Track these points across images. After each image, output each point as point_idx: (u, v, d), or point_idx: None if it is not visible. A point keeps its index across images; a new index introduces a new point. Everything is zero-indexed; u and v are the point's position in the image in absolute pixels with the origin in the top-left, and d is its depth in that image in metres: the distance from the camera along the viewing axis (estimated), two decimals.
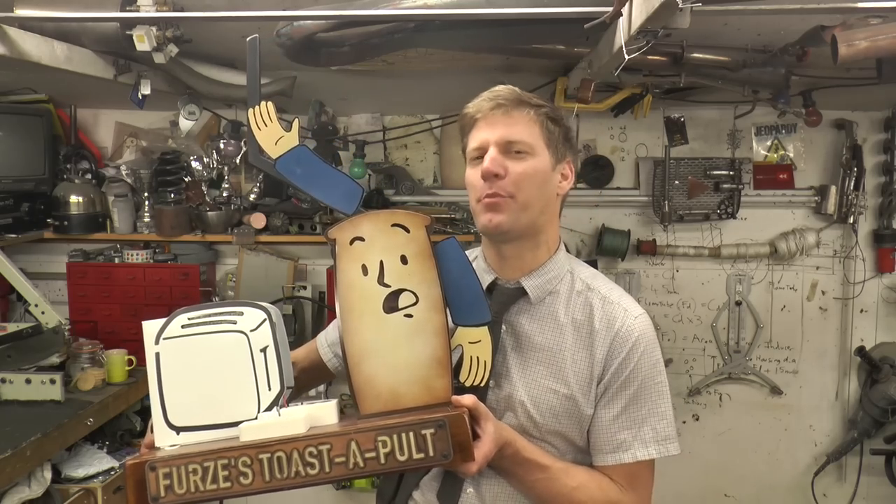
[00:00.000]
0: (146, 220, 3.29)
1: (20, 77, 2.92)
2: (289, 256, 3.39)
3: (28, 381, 2.58)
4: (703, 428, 3.49)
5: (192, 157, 3.28)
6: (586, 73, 2.41)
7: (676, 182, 3.29)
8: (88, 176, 3.31)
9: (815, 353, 3.44)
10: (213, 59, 2.61)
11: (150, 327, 1.20)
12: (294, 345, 3.23)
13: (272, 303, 3.41)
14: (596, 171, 3.36)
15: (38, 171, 3.15)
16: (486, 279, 1.38)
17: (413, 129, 3.34)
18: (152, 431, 1.24)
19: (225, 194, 3.29)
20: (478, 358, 1.25)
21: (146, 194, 3.28)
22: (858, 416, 3.37)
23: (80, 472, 2.56)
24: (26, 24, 2.03)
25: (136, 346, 2.99)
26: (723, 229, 3.38)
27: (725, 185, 3.27)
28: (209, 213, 3.23)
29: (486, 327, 1.24)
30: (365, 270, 1.20)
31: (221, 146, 3.21)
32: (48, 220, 3.24)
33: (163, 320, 1.19)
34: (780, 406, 3.46)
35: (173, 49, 2.14)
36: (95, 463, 2.62)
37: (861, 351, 3.33)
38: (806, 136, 3.32)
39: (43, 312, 2.75)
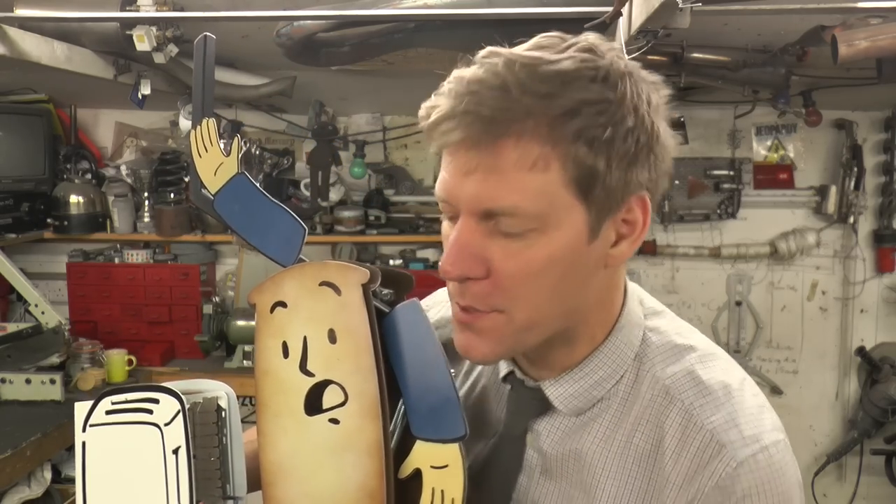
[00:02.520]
0: (146, 220, 3.29)
1: (20, 77, 2.92)
2: None
3: (28, 381, 2.58)
4: None
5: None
6: None
7: (676, 182, 3.29)
8: (88, 176, 3.31)
9: (815, 353, 3.44)
10: (214, 59, 2.61)
11: (79, 410, 0.97)
12: None
13: None
14: None
15: (38, 171, 3.15)
16: (501, 365, 0.86)
17: (413, 129, 3.34)
18: None
19: None
20: (442, 492, 0.78)
21: (146, 194, 3.28)
22: (858, 416, 3.37)
23: None
24: (26, 24, 2.03)
25: (135, 346, 3.01)
26: (723, 229, 3.38)
27: (725, 185, 3.27)
28: None
29: (456, 446, 0.78)
30: (286, 351, 0.83)
31: (222, 146, 3.20)
32: (48, 220, 3.24)
33: (91, 402, 0.98)
34: (780, 406, 3.45)
35: (173, 49, 2.14)
36: None
37: (861, 351, 3.33)
38: (806, 136, 3.32)
39: (43, 312, 2.75)
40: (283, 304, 0.84)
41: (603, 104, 0.67)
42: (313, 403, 0.82)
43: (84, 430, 0.93)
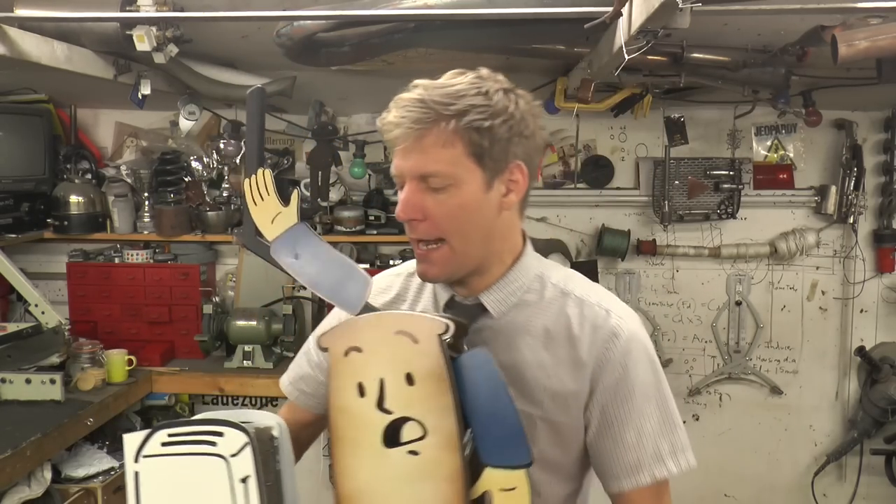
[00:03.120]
0: (146, 220, 3.29)
1: (20, 77, 2.92)
2: None
3: (28, 381, 2.58)
4: (703, 428, 3.49)
5: (192, 157, 3.28)
6: (586, 73, 2.41)
7: (676, 182, 3.29)
8: (88, 176, 3.31)
9: (815, 353, 3.43)
10: (213, 59, 2.61)
11: (130, 442, 1.02)
12: (294, 345, 3.23)
13: (273, 303, 3.36)
14: (596, 171, 3.36)
15: (38, 171, 3.15)
16: (442, 295, 1.21)
17: None
18: None
19: (225, 194, 3.29)
20: None
21: (146, 194, 3.28)
22: (858, 416, 3.37)
23: (80, 472, 2.56)
24: (26, 24, 2.03)
25: (135, 346, 3.01)
26: (723, 229, 3.38)
27: (725, 185, 3.27)
28: (209, 213, 3.23)
29: (523, 471, 0.94)
30: (361, 391, 0.96)
31: (221, 146, 3.20)
32: (48, 220, 3.24)
33: (144, 433, 1.02)
34: (780, 406, 3.46)
35: (173, 49, 2.14)
36: (95, 463, 2.62)
37: (861, 351, 3.32)
38: (806, 136, 3.32)
39: (43, 312, 2.75)
40: (359, 349, 0.96)
41: (484, 107, 1.09)
42: (391, 437, 0.93)
43: (136, 460, 1.00)
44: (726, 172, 3.27)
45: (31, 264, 3.39)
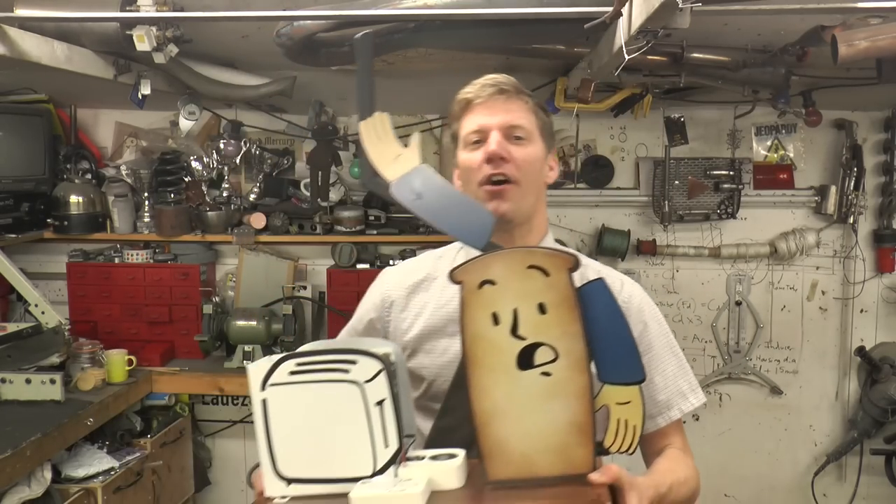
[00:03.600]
0: (146, 220, 3.28)
1: (20, 77, 2.92)
2: (289, 256, 3.39)
3: (28, 381, 2.58)
4: (703, 428, 3.49)
5: (192, 157, 3.28)
6: (586, 73, 2.41)
7: (676, 182, 3.29)
8: (88, 176, 3.31)
9: (815, 353, 3.44)
10: (213, 59, 2.61)
11: (255, 372, 1.08)
12: (294, 345, 3.23)
13: (273, 303, 3.37)
14: (596, 171, 3.36)
15: (38, 171, 3.15)
16: None
17: (413, 129, 3.33)
18: (253, 474, 1.19)
19: (225, 194, 3.29)
20: (626, 421, 1.08)
21: (146, 194, 3.28)
22: (858, 416, 3.37)
23: (80, 472, 2.56)
24: (26, 24, 2.03)
25: (136, 346, 3.01)
26: (723, 229, 3.38)
27: (725, 185, 3.27)
28: (209, 213, 3.23)
29: (637, 387, 1.08)
30: (496, 320, 1.04)
31: (221, 146, 3.21)
32: (48, 220, 3.23)
33: (267, 364, 1.08)
34: (780, 406, 3.46)
35: (173, 49, 2.14)
36: (95, 463, 2.62)
37: (861, 351, 3.33)
38: (806, 136, 3.32)
39: (43, 312, 2.75)
40: (492, 282, 1.05)
41: (544, 106, 1.42)
42: (525, 361, 1.04)
43: (263, 388, 1.08)
44: (726, 172, 3.27)
45: (31, 264, 3.39)
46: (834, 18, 1.93)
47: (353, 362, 1.06)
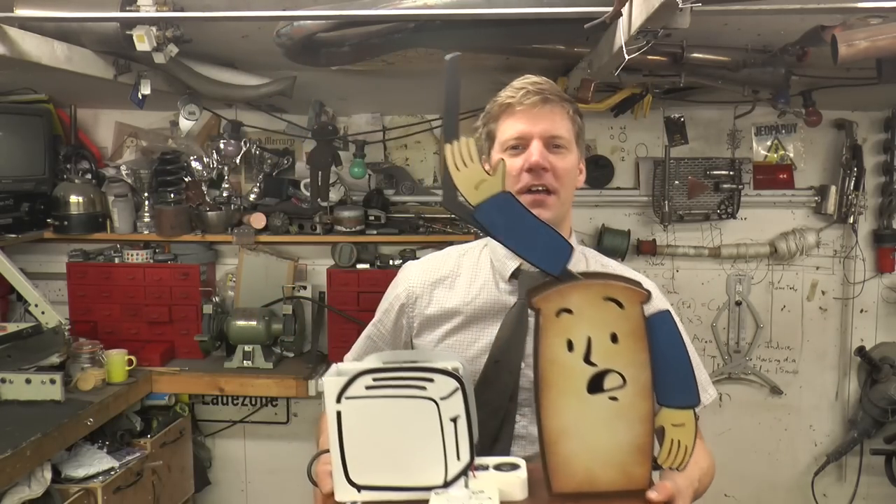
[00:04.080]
0: (146, 220, 3.28)
1: (20, 77, 2.92)
2: (289, 256, 3.39)
3: (28, 381, 2.58)
4: (703, 428, 3.46)
5: (192, 157, 3.28)
6: (586, 73, 2.41)
7: (676, 182, 3.29)
8: (88, 176, 3.31)
9: (815, 353, 3.44)
10: (213, 59, 2.61)
11: (331, 385, 1.13)
12: (294, 345, 3.22)
13: (273, 303, 3.37)
14: (596, 171, 3.36)
15: (38, 171, 3.15)
16: (509, 265, 1.44)
17: (413, 129, 3.34)
18: (319, 478, 1.25)
19: (225, 194, 3.29)
20: (679, 441, 1.17)
21: (146, 194, 3.28)
22: (858, 416, 3.37)
23: (80, 472, 2.56)
24: (26, 24, 2.03)
25: (136, 346, 3.01)
26: (723, 229, 3.38)
27: (725, 185, 3.27)
28: (209, 213, 3.23)
29: (691, 410, 1.17)
30: (570, 346, 1.12)
31: (221, 146, 3.21)
32: (48, 220, 3.23)
33: (343, 378, 1.12)
34: (780, 406, 3.46)
35: (173, 49, 2.14)
36: (95, 463, 2.62)
37: (861, 351, 3.33)
38: (806, 136, 3.32)
39: (43, 312, 2.75)
40: (569, 311, 1.11)
41: (580, 111, 1.45)
42: (594, 385, 1.11)
43: (339, 401, 1.12)
44: (726, 172, 3.27)
45: (31, 264, 3.39)
46: (834, 18, 1.93)
47: (430, 380, 1.12)
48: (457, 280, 1.49)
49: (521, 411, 1.42)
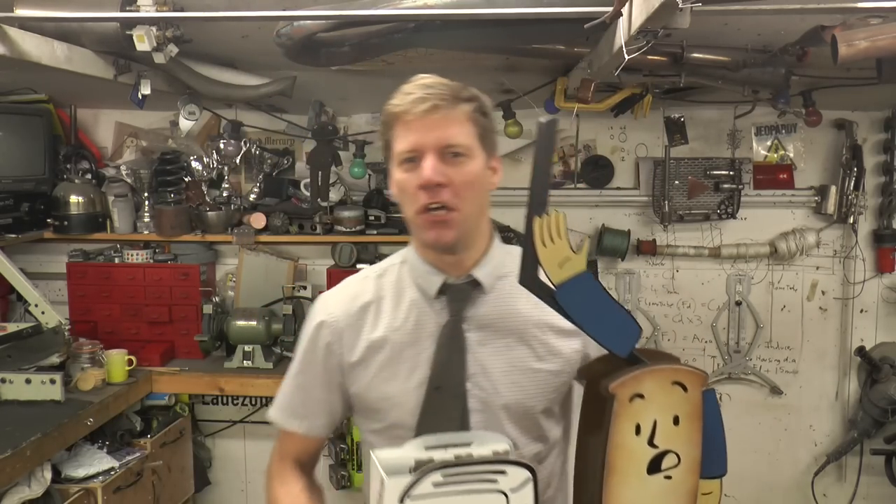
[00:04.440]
0: (146, 220, 3.29)
1: (20, 77, 2.92)
2: (289, 256, 3.40)
3: (28, 381, 2.58)
4: None
5: (192, 157, 3.28)
6: (586, 73, 2.41)
7: (676, 182, 3.29)
8: (88, 176, 3.31)
9: (815, 353, 3.43)
10: (213, 59, 2.61)
11: (393, 486, 1.05)
12: (293, 345, 3.22)
13: (273, 303, 3.37)
14: (596, 171, 3.36)
15: (38, 171, 3.15)
16: (434, 281, 1.32)
17: None
18: None
19: (225, 194, 3.29)
20: None
21: (146, 194, 3.28)
22: (858, 416, 3.37)
23: (80, 472, 2.56)
24: (26, 24, 2.03)
25: (136, 346, 3.01)
26: (723, 229, 3.38)
27: (725, 185, 3.27)
28: (209, 213, 3.23)
29: (719, 480, 1.20)
30: (638, 430, 1.11)
31: (221, 146, 3.21)
32: (48, 220, 3.24)
33: (407, 477, 1.05)
34: (780, 406, 3.46)
35: (173, 49, 2.14)
36: (95, 463, 2.62)
37: (861, 351, 3.32)
38: (806, 136, 3.32)
39: (43, 312, 2.75)
40: (641, 396, 1.11)
41: (483, 100, 1.29)
42: (653, 466, 1.12)
43: (403, 501, 1.07)
44: (726, 172, 3.27)
45: (31, 264, 3.39)
46: (834, 18, 1.93)
47: (502, 472, 1.08)
48: (381, 304, 1.35)
49: None
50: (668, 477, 1.13)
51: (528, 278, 1.07)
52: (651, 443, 1.12)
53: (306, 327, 1.41)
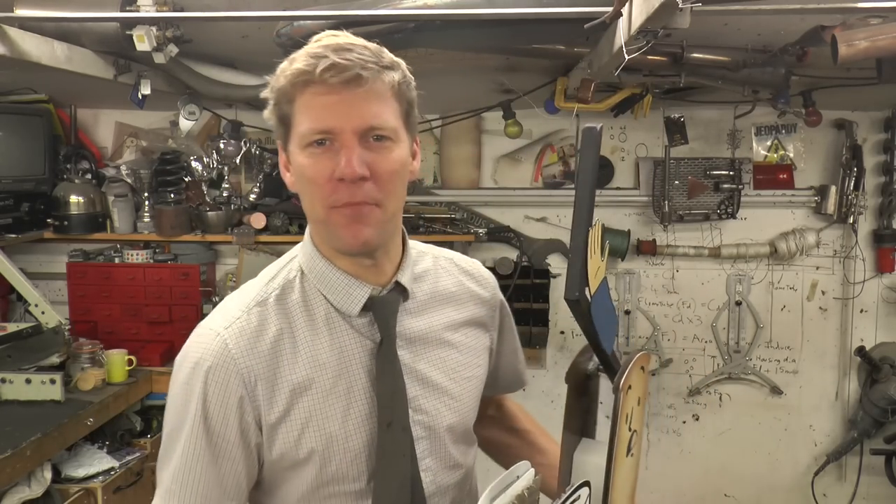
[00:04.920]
0: (146, 220, 3.29)
1: (20, 77, 2.92)
2: None
3: (28, 381, 2.58)
4: (703, 428, 3.49)
5: (192, 157, 3.28)
6: (586, 73, 2.41)
7: (676, 182, 3.29)
8: (88, 176, 3.31)
9: (815, 353, 3.44)
10: (213, 59, 2.61)
11: None
12: None
13: None
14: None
15: (38, 171, 3.15)
16: (356, 295, 1.08)
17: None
18: None
19: (225, 194, 3.29)
20: None
21: (146, 194, 3.28)
22: (858, 416, 3.37)
23: (80, 472, 2.56)
24: (26, 24, 2.03)
25: (136, 346, 3.01)
26: (723, 229, 3.38)
27: (725, 185, 3.27)
28: (209, 213, 3.23)
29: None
30: (627, 418, 1.12)
31: (221, 146, 3.20)
32: (48, 220, 3.24)
33: None
34: (780, 406, 3.46)
35: (173, 49, 2.14)
36: (95, 463, 2.62)
37: (861, 351, 3.32)
38: (806, 136, 3.32)
39: (43, 312, 2.75)
40: (630, 386, 1.11)
41: (405, 69, 1.06)
42: (628, 448, 1.14)
43: None
44: (726, 172, 3.27)
45: (31, 264, 3.39)
46: (834, 18, 1.93)
47: (578, 499, 1.05)
48: (295, 335, 1.07)
49: (422, 466, 1.12)
50: (632, 454, 1.17)
51: (580, 296, 0.98)
52: (630, 426, 1.14)
53: (191, 383, 1.04)
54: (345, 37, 1.02)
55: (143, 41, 2.03)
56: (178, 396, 1.06)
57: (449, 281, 1.22)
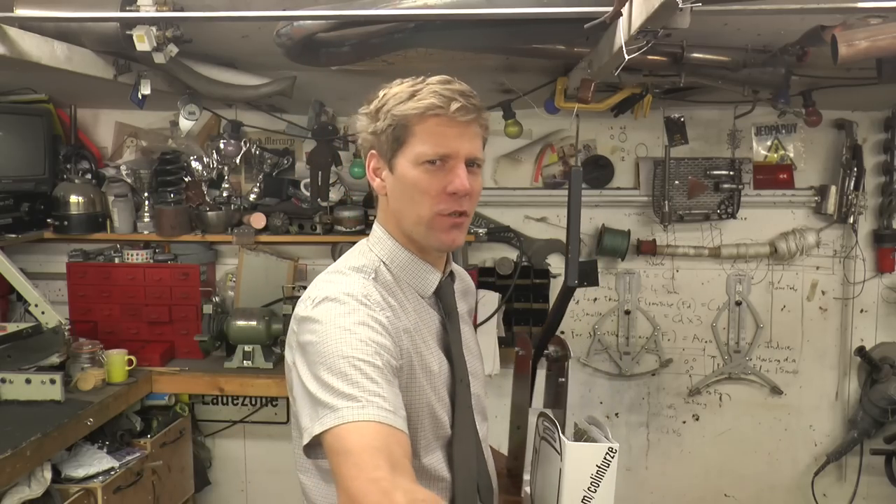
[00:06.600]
0: (146, 220, 3.29)
1: (20, 77, 2.92)
2: (289, 256, 3.39)
3: (28, 381, 2.58)
4: (703, 428, 3.49)
5: (192, 157, 3.28)
6: (586, 73, 2.41)
7: (676, 182, 3.29)
8: (88, 176, 3.31)
9: (815, 353, 3.44)
10: (213, 59, 2.61)
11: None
12: None
13: (273, 303, 3.37)
14: (596, 171, 3.36)
15: (38, 171, 3.15)
16: (432, 280, 1.36)
17: None
18: None
19: (225, 194, 3.29)
20: None
21: (146, 194, 3.28)
22: (858, 416, 3.37)
23: (80, 472, 2.56)
24: (26, 24, 2.03)
25: (136, 346, 3.01)
26: (723, 229, 3.38)
27: (725, 185, 3.27)
28: (209, 213, 3.23)
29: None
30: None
31: (221, 146, 3.21)
32: (48, 220, 3.24)
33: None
34: (780, 406, 3.46)
35: (173, 49, 2.13)
36: (95, 463, 2.62)
37: (861, 351, 3.33)
38: (806, 136, 3.32)
39: (43, 312, 2.75)
40: None
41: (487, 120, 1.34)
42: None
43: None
44: (726, 172, 3.27)
45: (31, 264, 3.39)
46: (834, 18, 1.93)
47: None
48: (393, 306, 1.27)
49: (476, 420, 1.43)
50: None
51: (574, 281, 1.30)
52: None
53: (346, 305, 1.18)
54: (458, 83, 1.28)
55: (143, 41, 2.03)
56: (336, 319, 1.19)
57: (461, 279, 1.53)
